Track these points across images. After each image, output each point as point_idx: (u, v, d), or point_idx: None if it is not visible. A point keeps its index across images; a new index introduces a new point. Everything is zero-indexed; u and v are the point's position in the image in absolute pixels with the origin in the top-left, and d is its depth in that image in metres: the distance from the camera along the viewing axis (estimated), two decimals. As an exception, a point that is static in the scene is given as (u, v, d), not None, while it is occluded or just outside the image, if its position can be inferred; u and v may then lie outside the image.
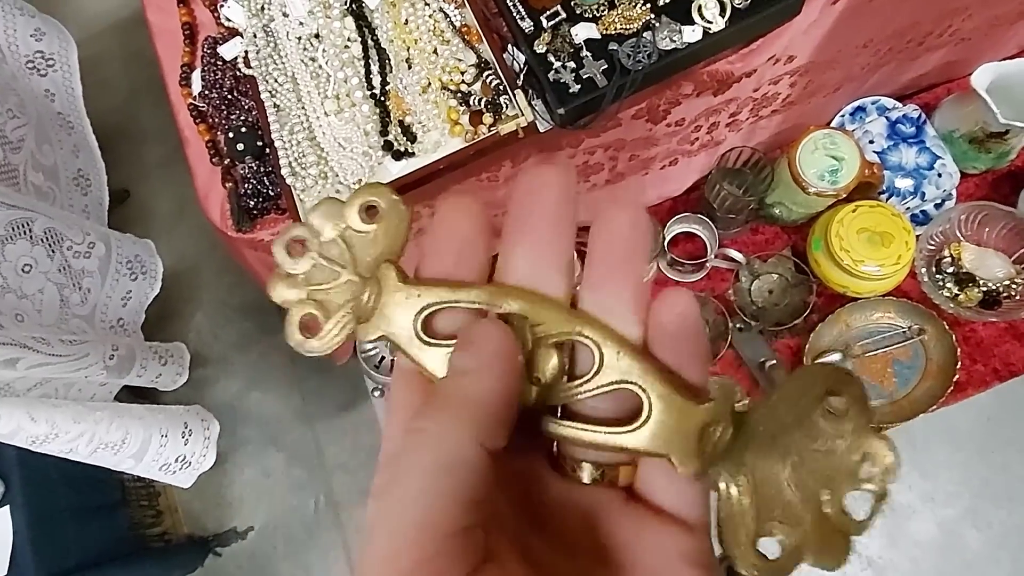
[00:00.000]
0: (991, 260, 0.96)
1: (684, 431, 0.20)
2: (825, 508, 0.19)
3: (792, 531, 0.19)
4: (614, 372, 0.20)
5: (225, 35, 0.80)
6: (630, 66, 0.68)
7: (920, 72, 0.99)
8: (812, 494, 0.19)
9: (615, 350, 0.20)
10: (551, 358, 0.20)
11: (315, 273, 0.22)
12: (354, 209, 0.22)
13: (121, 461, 1.01)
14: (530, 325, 0.20)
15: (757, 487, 0.20)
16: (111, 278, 1.10)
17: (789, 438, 0.20)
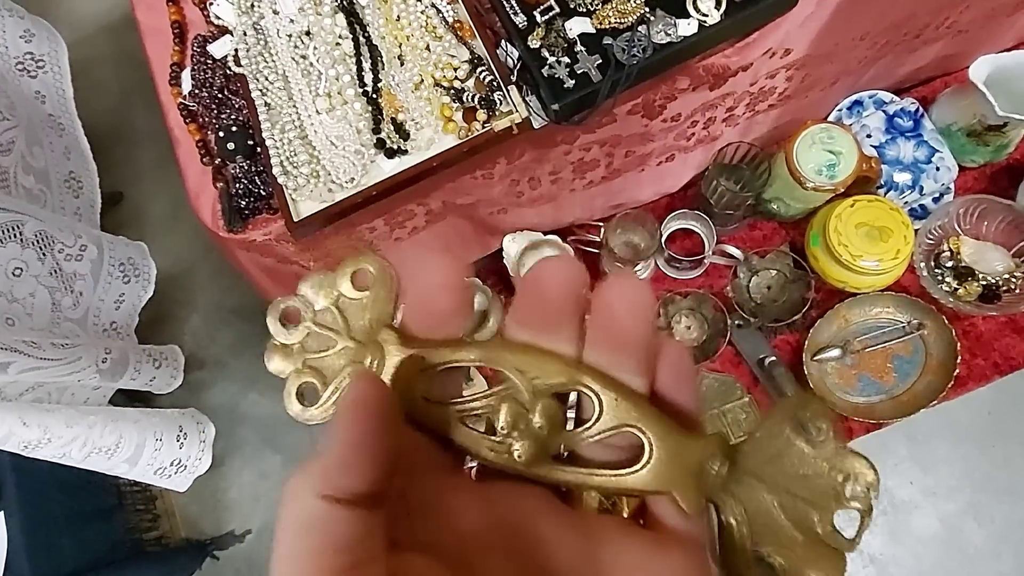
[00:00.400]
0: (990, 254, 0.95)
1: (684, 468, 0.21)
2: (816, 529, 0.20)
3: (789, 553, 0.20)
4: (614, 417, 0.21)
5: (215, 33, 0.79)
6: (625, 60, 0.67)
7: (917, 65, 0.99)
8: (802, 518, 0.21)
9: (613, 396, 0.21)
10: (550, 409, 0.21)
11: (310, 341, 0.23)
12: (345, 278, 0.23)
13: (115, 466, 1.00)
14: (529, 378, 0.21)
15: (751, 516, 0.21)
16: (103, 281, 1.09)
17: (775, 468, 0.21)
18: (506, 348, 0.22)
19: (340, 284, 0.23)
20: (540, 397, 0.21)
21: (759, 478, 0.21)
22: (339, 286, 0.23)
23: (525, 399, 0.21)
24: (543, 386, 0.21)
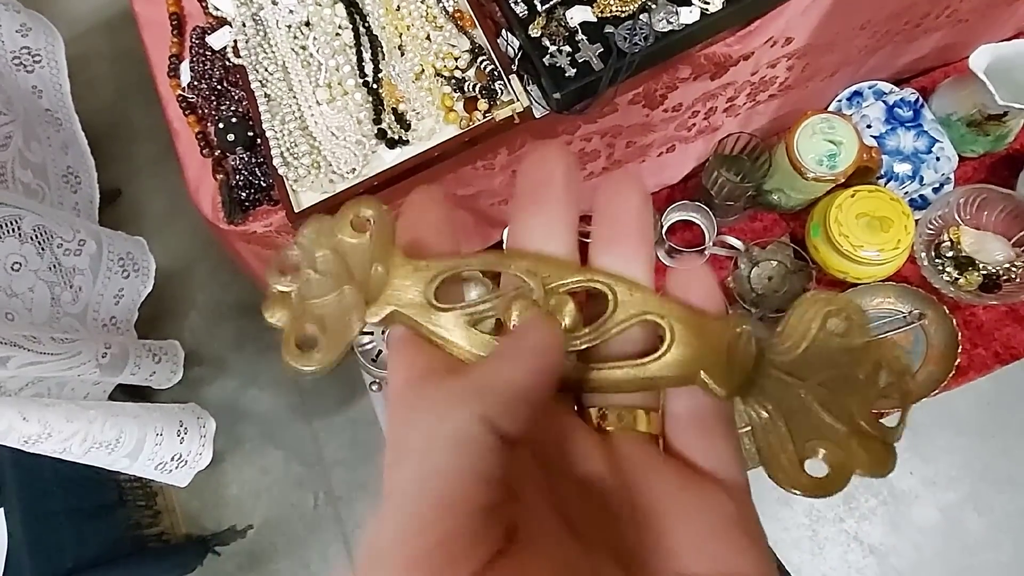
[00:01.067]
0: (990, 243, 0.95)
1: (711, 349, 0.20)
2: (858, 420, 0.20)
3: (834, 447, 0.19)
4: (630, 307, 0.21)
5: (213, 25, 0.79)
6: (626, 49, 0.67)
7: (917, 55, 0.99)
8: (842, 410, 0.20)
9: (627, 288, 0.21)
10: (566, 303, 0.21)
11: (310, 288, 0.22)
12: (346, 222, 0.23)
13: (116, 460, 1.00)
14: (541, 278, 0.21)
15: (786, 414, 0.20)
16: (103, 276, 1.08)
17: (804, 364, 0.20)
18: (514, 255, 0.21)
19: (339, 230, 0.23)
20: (553, 295, 0.21)
21: (789, 373, 0.20)
22: (338, 232, 0.23)
23: (538, 296, 0.21)
24: (555, 284, 0.21)
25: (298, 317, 0.22)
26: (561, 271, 0.21)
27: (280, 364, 0.21)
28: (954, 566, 1.29)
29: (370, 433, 1.47)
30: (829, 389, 0.20)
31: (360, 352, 0.94)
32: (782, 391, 0.20)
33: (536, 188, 0.22)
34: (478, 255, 0.22)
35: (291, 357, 0.21)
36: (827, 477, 0.19)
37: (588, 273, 0.21)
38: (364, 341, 0.94)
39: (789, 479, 0.19)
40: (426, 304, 0.21)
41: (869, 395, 0.20)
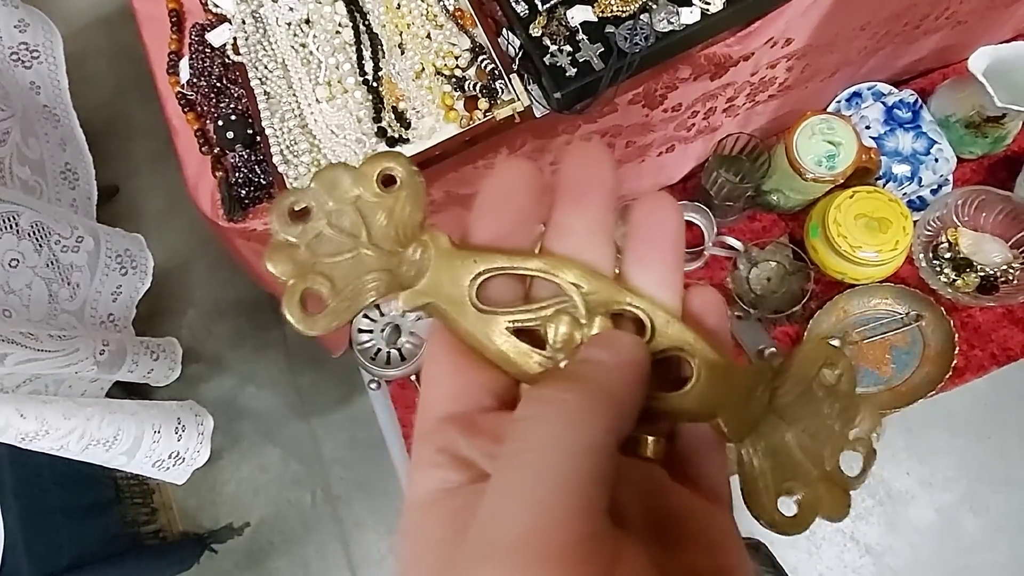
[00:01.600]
0: (988, 245, 0.95)
1: (732, 395, 0.21)
2: (827, 467, 0.21)
3: (806, 489, 0.21)
4: (665, 339, 0.21)
5: (213, 21, 0.78)
6: (627, 49, 0.67)
7: (916, 56, 0.99)
8: (816, 456, 0.21)
9: (665, 319, 0.21)
10: (605, 326, 0.21)
11: (322, 243, 0.20)
12: (371, 177, 0.21)
13: (113, 458, 1.00)
14: (585, 294, 0.21)
15: (772, 453, 0.21)
16: (100, 272, 1.08)
17: (795, 409, 0.22)
18: (565, 262, 0.21)
19: (364, 183, 0.20)
20: (595, 313, 0.20)
21: (781, 416, 0.21)
22: (359, 186, 0.20)
23: (581, 314, 0.20)
24: (598, 302, 0.20)
25: (306, 272, 0.20)
26: (606, 290, 0.21)
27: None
28: (950, 566, 1.30)
29: (368, 432, 1.46)
30: (810, 434, 0.21)
31: (358, 351, 0.94)
32: (772, 431, 0.21)
33: (584, 185, 0.21)
34: (529, 257, 0.21)
35: (293, 316, 0.20)
36: (795, 516, 0.21)
37: (630, 296, 0.21)
38: (363, 339, 0.94)
39: (767, 515, 0.21)
40: (467, 302, 0.20)
41: (840, 445, 0.21)
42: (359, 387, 1.43)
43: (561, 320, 0.20)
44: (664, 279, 0.22)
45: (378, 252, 0.20)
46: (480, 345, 0.20)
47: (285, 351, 1.55)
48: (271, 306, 1.54)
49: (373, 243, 0.20)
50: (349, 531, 1.45)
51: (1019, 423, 1.33)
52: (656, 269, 0.22)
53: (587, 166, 0.21)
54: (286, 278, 0.20)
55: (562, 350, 0.20)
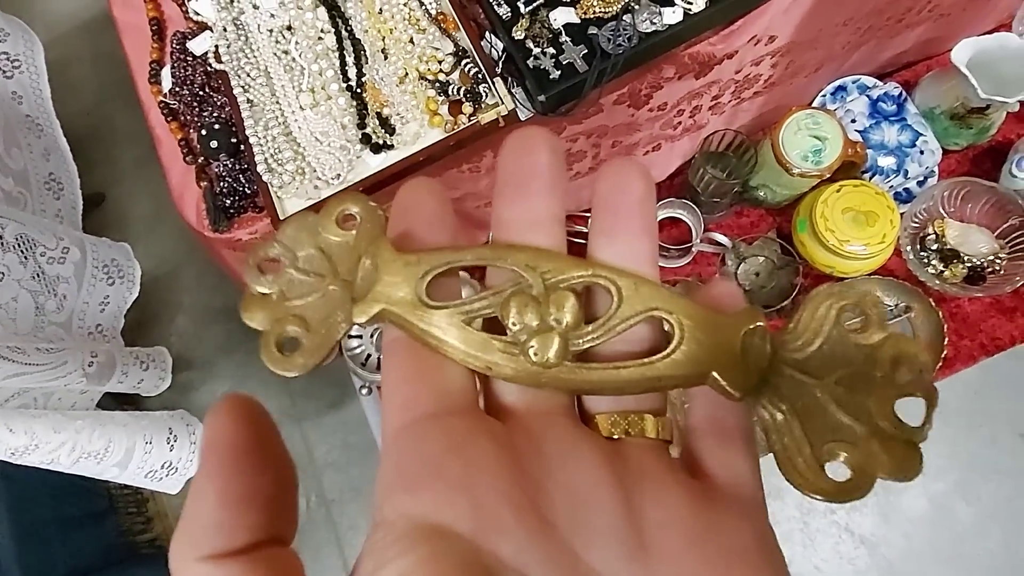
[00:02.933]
0: (975, 236, 0.96)
1: (723, 347, 0.19)
2: (878, 421, 0.18)
3: (854, 449, 0.18)
4: (636, 303, 0.19)
5: (194, 30, 0.78)
6: (610, 50, 0.66)
7: (900, 49, 0.99)
8: (860, 410, 0.18)
9: (631, 283, 0.19)
10: (567, 299, 0.19)
11: (292, 289, 0.21)
12: (330, 219, 0.21)
13: (105, 470, 0.99)
14: (540, 273, 0.19)
15: (801, 415, 0.19)
16: (87, 283, 1.07)
17: (819, 361, 0.19)
18: (511, 248, 0.20)
19: (323, 227, 0.21)
20: (553, 290, 0.19)
21: (804, 371, 0.19)
22: (322, 229, 0.21)
23: (538, 292, 0.19)
24: (556, 280, 0.19)
25: (279, 319, 0.20)
26: (562, 265, 0.20)
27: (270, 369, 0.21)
28: (944, 555, 1.31)
29: (360, 436, 1.46)
30: (846, 388, 0.19)
31: (349, 356, 0.93)
32: (797, 390, 0.19)
33: (520, 176, 0.20)
34: (473, 248, 0.20)
35: (271, 361, 0.20)
36: (849, 481, 0.18)
37: (590, 267, 0.20)
38: (353, 345, 0.94)
39: (808, 483, 0.18)
40: (417, 302, 0.20)
41: (889, 393, 0.18)
42: (350, 391, 1.42)
43: (515, 301, 0.19)
44: (632, 249, 0.20)
45: (344, 286, 0.21)
46: (438, 343, 0.19)
47: (277, 356, 1.54)
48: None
49: (340, 279, 0.21)
50: (344, 534, 1.45)
51: (1009, 412, 1.34)
52: (622, 239, 0.20)
53: (520, 156, 0.21)
54: (261, 327, 0.21)
55: (523, 331, 0.19)
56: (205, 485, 0.16)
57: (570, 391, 0.20)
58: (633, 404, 0.20)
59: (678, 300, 0.19)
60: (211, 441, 0.17)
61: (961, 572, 1.29)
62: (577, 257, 0.20)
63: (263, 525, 0.16)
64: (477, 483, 0.17)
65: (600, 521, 0.17)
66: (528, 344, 0.19)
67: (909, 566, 1.31)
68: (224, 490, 0.16)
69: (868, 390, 0.19)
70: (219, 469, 0.16)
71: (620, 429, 0.20)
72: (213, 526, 0.16)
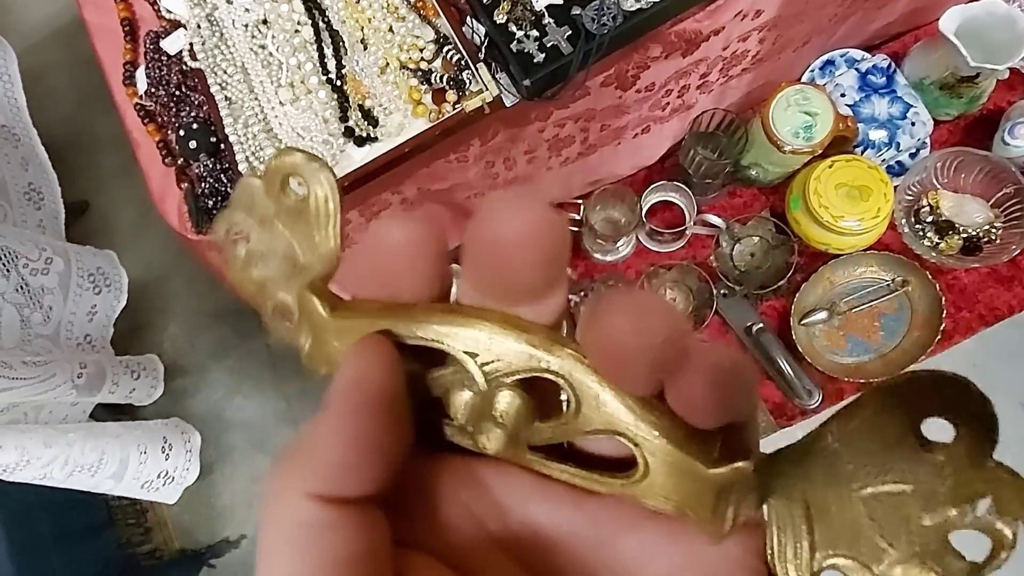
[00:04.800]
0: (969, 206, 0.95)
1: (695, 488, 0.16)
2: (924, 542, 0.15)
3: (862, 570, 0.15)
4: (597, 419, 0.16)
5: (167, 28, 0.76)
6: (595, 30, 0.65)
7: (887, 20, 0.98)
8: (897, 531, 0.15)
9: (594, 393, 0.16)
10: (511, 401, 0.16)
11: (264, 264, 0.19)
12: (274, 186, 0.19)
13: (100, 483, 0.98)
14: (481, 364, 0.16)
15: (816, 509, 0.16)
16: (73, 293, 1.05)
17: (870, 468, 0.15)
18: (454, 315, 0.16)
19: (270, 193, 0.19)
20: (499, 387, 0.16)
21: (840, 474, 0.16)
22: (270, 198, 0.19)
23: (479, 388, 0.16)
24: (502, 371, 0.16)
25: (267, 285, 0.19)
26: (509, 352, 0.16)
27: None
28: (948, 527, 1.30)
29: (360, 435, 1.45)
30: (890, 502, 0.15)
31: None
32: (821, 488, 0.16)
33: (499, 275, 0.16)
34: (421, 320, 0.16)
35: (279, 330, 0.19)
36: None
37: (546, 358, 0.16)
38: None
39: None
40: None
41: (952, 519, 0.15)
42: (348, 391, 1.41)
43: (454, 396, 0.17)
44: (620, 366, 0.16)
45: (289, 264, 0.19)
46: None
47: (270, 359, 1.52)
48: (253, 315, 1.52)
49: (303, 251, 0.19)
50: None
51: (1008, 381, 1.34)
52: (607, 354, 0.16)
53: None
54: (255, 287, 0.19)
55: (470, 424, 0.17)
56: (338, 423, 0.15)
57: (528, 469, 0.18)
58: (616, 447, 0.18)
59: (647, 429, 0.15)
60: (356, 380, 0.15)
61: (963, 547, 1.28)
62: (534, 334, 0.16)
63: (382, 482, 0.15)
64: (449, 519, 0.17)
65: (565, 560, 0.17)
66: (477, 438, 0.17)
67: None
68: (360, 434, 0.15)
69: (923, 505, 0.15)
70: (359, 410, 0.15)
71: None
72: (339, 466, 0.15)
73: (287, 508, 0.15)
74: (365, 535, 0.15)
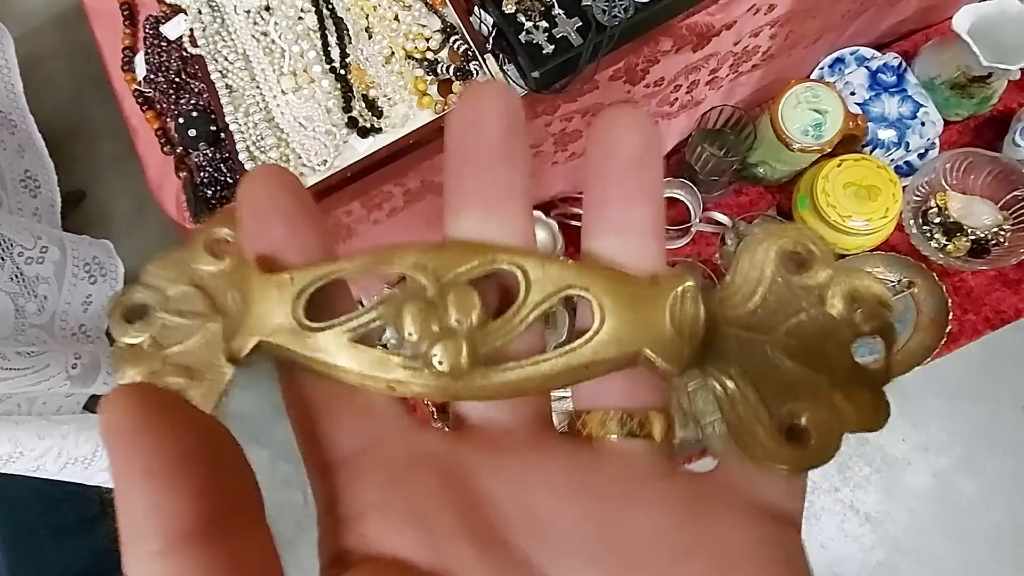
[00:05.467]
0: (978, 207, 0.94)
1: (650, 319, 0.17)
2: (838, 369, 0.16)
3: (816, 407, 0.16)
4: (546, 284, 0.17)
5: (167, 13, 0.74)
6: (606, 22, 0.63)
7: (900, 18, 0.97)
8: (817, 360, 0.17)
9: (537, 262, 0.17)
10: (467, 295, 0.17)
11: (167, 335, 0.18)
12: (199, 249, 0.18)
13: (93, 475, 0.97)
14: (431, 271, 0.17)
15: (754, 377, 0.17)
16: (68, 283, 1.04)
17: (765, 313, 0.17)
18: (396, 249, 0.17)
19: (194, 258, 0.19)
20: (449, 287, 0.17)
21: (749, 327, 0.17)
22: (192, 262, 0.19)
23: (431, 295, 0.17)
24: (454, 273, 0.17)
25: (155, 371, 0.18)
26: (454, 257, 0.17)
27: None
28: (949, 529, 1.30)
29: (357, 429, 1.44)
30: (798, 338, 0.17)
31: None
32: (745, 351, 0.17)
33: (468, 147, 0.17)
34: (353, 257, 0.17)
35: None
36: (814, 444, 0.16)
37: (487, 252, 0.17)
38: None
39: (770, 454, 0.16)
40: (296, 327, 0.17)
41: (844, 337, 0.17)
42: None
43: (410, 308, 0.17)
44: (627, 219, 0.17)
45: (227, 321, 0.18)
46: (328, 368, 0.17)
47: (268, 352, 1.51)
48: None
49: (219, 312, 0.18)
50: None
51: (1012, 385, 1.33)
52: (614, 209, 0.17)
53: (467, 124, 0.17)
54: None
55: (422, 342, 0.16)
56: (126, 475, 0.14)
57: (488, 398, 0.17)
58: (627, 398, 0.17)
59: (593, 274, 0.17)
60: (111, 429, 0.14)
61: (967, 546, 1.28)
62: (475, 243, 0.17)
63: (209, 497, 0.14)
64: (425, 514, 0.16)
65: (569, 542, 0.15)
66: (431, 355, 0.16)
67: (915, 541, 1.31)
68: (147, 469, 0.14)
69: (822, 336, 0.17)
70: (132, 451, 0.14)
71: (609, 429, 0.17)
72: (150, 510, 0.14)
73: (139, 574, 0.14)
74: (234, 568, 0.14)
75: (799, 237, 0.17)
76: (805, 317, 0.17)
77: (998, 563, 1.28)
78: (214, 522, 0.14)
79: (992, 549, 1.28)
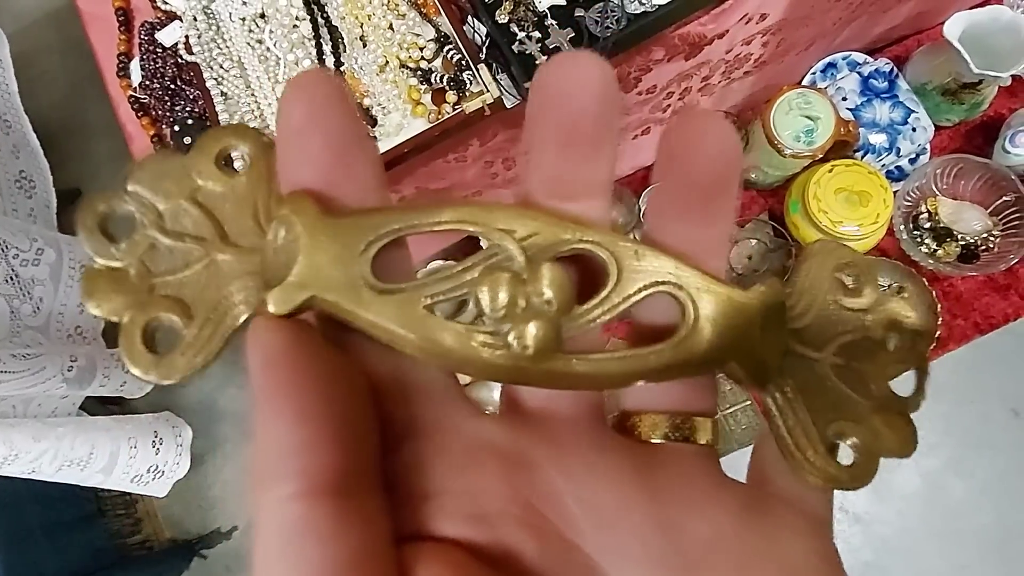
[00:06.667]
0: (968, 213, 0.95)
1: (742, 328, 0.16)
2: (877, 393, 0.16)
3: (859, 428, 0.16)
4: (640, 276, 0.15)
5: (163, 19, 0.74)
6: (598, 33, 0.64)
7: (891, 24, 0.97)
8: (858, 381, 0.16)
9: (631, 250, 0.15)
10: (556, 274, 0.15)
11: (159, 259, 0.15)
12: (208, 159, 0.15)
13: (89, 476, 0.97)
14: (520, 239, 0.15)
15: (805, 392, 0.16)
16: (64, 284, 1.04)
17: (816, 329, 0.17)
18: (481, 208, 0.15)
19: (199, 170, 0.15)
20: (540, 261, 0.15)
21: (802, 341, 0.17)
22: (197, 173, 0.15)
23: (519, 266, 0.15)
24: (541, 246, 0.15)
25: (144, 303, 0.15)
26: (550, 228, 0.15)
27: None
28: (938, 530, 1.31)
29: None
30: (845, 357, 0.16)
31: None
32: (797, 365, 0.16)
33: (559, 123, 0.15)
34: (429, 208, 0.15)
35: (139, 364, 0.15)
36: (857, 464, 0.16)
37: (580, 231, 0.15)
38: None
39: (820, 473, 0.16)
40: (361, 285, 0.15)
41: (884, 362, 0.17)
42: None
43: (496, 280, 0.15)
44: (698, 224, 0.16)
45: (237, 253, 0.15)
46: (394, 339, 0.15)
47: (263, 352, 1.52)
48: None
49: (229, 243, 0.15)
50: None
51: (1001, 387, 1.34)
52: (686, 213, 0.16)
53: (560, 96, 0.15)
54: (117, 316, 0.15)
55: (506, 319, 0.15)
56: (275, 411, 0.13)
57: (564, 387, 0.16)
58: (678, 402, 0.17)
59: (690, 272, 0.16)
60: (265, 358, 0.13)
61: (955, 547, 1.30)
62: (567, 216, 0.15)
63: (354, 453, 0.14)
64: (488, 505, 0.15)
65: (632, 542, 0.15)
66: (512, 335, 0.15)
67: (903, 543, 1.32)
68: (300, 408, 0.13)
69: (865, 359, 0.17)
70: (286, 386, 0.13)
71: (660, 432, 0.17)
72: (295, 451, 0.13)
73: (270, 517, 0.13)
74: (360, 528, 0.13)
75: (855, 260, 0.17)
76: (851, 338, 0.17)
77: (986, 564, 1.29)
78: (353, 476, 0.14)
79: (981, 550, 1.29)
